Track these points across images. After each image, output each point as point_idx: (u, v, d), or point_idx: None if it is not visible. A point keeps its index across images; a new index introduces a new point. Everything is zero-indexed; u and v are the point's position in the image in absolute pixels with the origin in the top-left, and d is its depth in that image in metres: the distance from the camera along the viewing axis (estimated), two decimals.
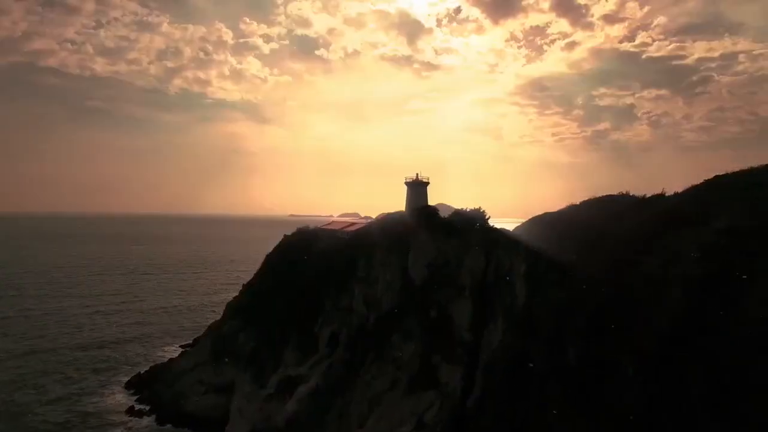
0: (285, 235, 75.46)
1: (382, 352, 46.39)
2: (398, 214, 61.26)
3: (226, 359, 64.83)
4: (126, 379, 74.99)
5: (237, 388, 59.89)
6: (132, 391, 70.71)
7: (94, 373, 78.41)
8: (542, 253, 41.17)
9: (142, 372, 76.27)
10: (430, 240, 50.91)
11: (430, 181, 61.71)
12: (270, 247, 79.74)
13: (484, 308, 45.90)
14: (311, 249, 66.09)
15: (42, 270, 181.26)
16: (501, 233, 52.88)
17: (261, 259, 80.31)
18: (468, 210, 63.84)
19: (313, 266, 61.93)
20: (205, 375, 65.94)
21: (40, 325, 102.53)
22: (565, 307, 32.84)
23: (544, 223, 45.64)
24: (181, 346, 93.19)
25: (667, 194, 38.52)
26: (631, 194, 43.61)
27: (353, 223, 70.63)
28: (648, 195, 42.17)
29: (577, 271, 34.31)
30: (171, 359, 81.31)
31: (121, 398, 68.69)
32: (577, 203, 47.47)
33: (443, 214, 58.29)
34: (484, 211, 64.61)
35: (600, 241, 34.77)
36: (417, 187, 59.93)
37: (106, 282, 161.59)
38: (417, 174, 60.82)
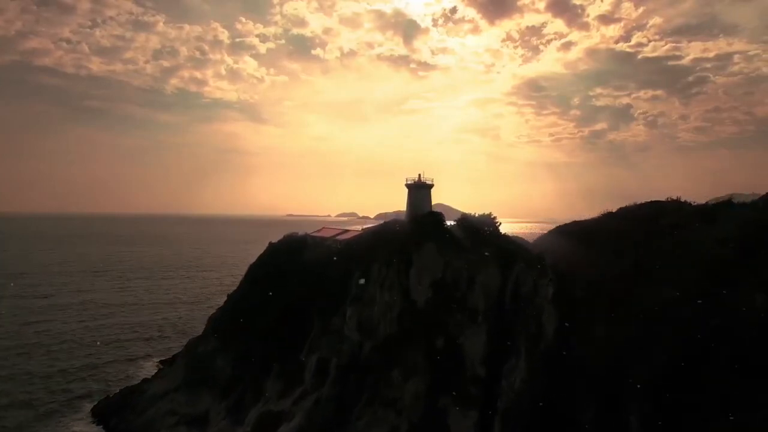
0: (270, 243, 67.34)
1: (378, 391, 38.37)
2: (398, 221, 53.19)
3: (201, 386, 56.80)
4: (94, 404, 67.05)
5: (211, 421, 51.93)
6: (97, 419, 62.80)
7: (60, 395, 70.38)
8: (577, 274, 33.15)
9: (111, 396, 68.23)
10: (436, 253, 42.87)
11: (434, 182, 53.48)
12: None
13: (502, 338, 37.95)
14: (299, 259, 58.02)
15: (29, 273, 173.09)
16: (519, 244, 44.99)
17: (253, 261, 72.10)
18: (476, 215, 55.87)
19: (301, 280, 53.84)
20: (177, 403, 57.81)
21: (16, 336, 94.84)
22: (621, 352, 24.76)
23: (573, 235, 37.59)
24: (161, 362, 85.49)
25: (737, 201, 30.61)
26: (683, 200, 35.41)
27: (346, 230, 62.46)
28: (710, 202, 34.25)
29: (632, 302, 26.26)
30: (145, 380, 73.38)
31: (84, 428, 60.80)
32: (614, 210, 39.28)
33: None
34: (494, 217, 56.65)
35: (661, 263, 26.78)
36: (420, 190, 51.61)
37: (95, 287, 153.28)
38: (420, 175, 52.53)
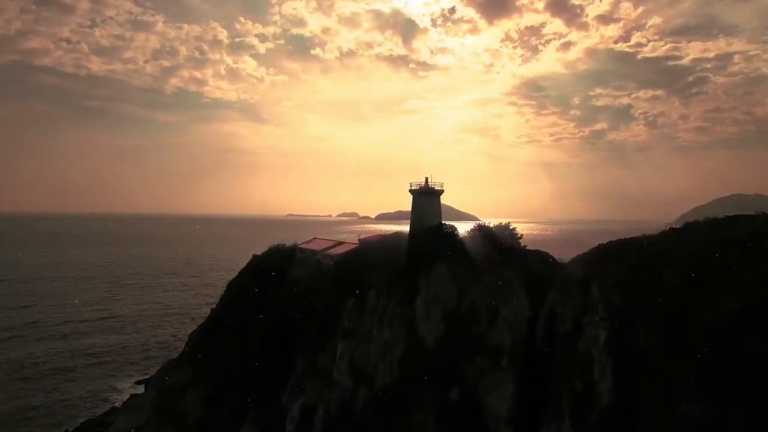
0: (254, 255, 58.78)
1: None
2: (400, 235, 44.49)
3: (169, 425, 48.30)
4: None
5: None
6: None
7: (19, 427, 62.13)
8: (642, 314, 24.47)
9: (72, 429, 60.00)
10: (449, 277, 34.26)
11: (443, 188, 44.51)
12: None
13: (534, 390, 29.37)
14: (284, 277, 49.43)
15: (14, 279, 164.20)
16: (552, 264, 36.34)
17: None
18: (492, 226, 47.15)
19: (285, 304, 45.26)
20: None
21: None
22: None
23: (628, 258, 28.79)
24: (137, 383, 77.57)
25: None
26: None
27: (340, 243, 53.78)
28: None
29: (744, 374, 17.62)
30: (114, 408, 65.21)
31: None
32: (677, 227, 30.53)
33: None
34: (513, 228, 47.98)
35: None
36: (427, 198, 42.73)
37: (83, 295, 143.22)
38: (426, 179, 43.63)
